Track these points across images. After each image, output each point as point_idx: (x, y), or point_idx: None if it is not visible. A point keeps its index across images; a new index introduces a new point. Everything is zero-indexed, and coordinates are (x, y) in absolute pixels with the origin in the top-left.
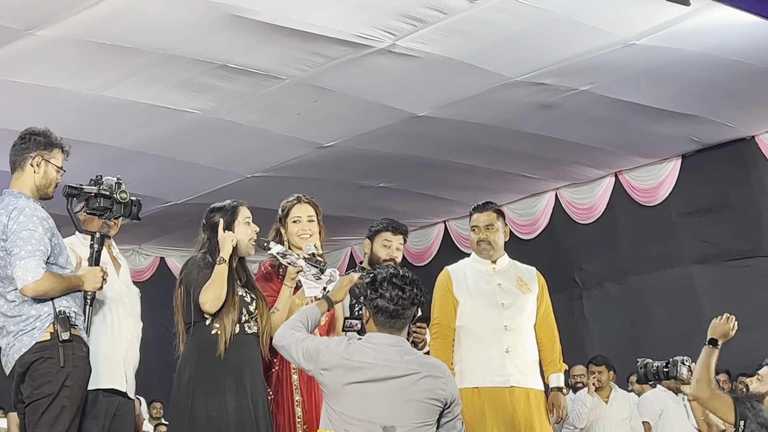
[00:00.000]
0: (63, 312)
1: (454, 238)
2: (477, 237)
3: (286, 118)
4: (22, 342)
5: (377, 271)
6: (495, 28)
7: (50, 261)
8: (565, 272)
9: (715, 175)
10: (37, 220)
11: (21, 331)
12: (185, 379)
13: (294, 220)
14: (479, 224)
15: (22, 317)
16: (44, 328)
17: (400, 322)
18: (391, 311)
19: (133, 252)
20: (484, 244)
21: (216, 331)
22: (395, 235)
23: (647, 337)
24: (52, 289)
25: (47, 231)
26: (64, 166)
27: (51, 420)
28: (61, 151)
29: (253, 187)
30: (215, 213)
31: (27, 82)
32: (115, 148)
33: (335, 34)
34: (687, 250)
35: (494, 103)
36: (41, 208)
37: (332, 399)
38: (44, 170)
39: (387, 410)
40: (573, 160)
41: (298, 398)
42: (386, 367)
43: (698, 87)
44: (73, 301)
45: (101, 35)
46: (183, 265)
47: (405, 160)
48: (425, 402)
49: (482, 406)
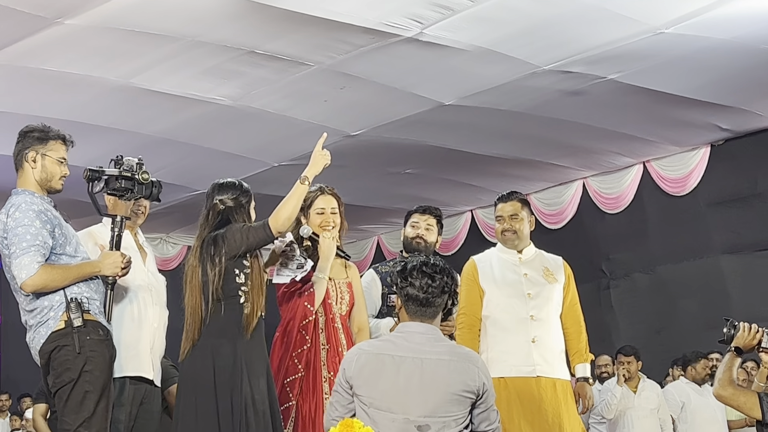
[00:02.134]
0: (74, 299)
1: (481, 227)
2: (501, 227)
3: (314, 106)
4: (40, 334)
5: (408, 260)
6: (523, 16)
7: (57, 252)
8: (592, 262)
9: (744, 165)
10: (33, 215)
11: (39, 323)
12: (227, 355)
13: (318, 212)
14: (504, 214)
15: (37, 309)
16: (58, 318)
17: (431, 310)
18: (421, 299)
19: (161, 241)
20: (508, 233)
21: (247, 309)
22: (422, 215)
23: (675, 328)
24: (51, 280)
25: (45, 223)
26: (66, 156)
27: (76, 406)
28: (62, 142)
29: (281, 176)
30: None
31: (56, 70)
32: (143, 135)
33: (362, 23)
34: (716, 240)
35: (522, 91)
36: (41, 200)
37: (364, 399)
38: (42, 164)
39: (421, 405)
40: (601, 148)
41: (325, 374)
42: (417, 359)
43: (727, 76)
44: (87, 286)
45: (129, 23)
46: (210, 240)
47: (432, 148)
48: (457, 394)
49: (508, 396)
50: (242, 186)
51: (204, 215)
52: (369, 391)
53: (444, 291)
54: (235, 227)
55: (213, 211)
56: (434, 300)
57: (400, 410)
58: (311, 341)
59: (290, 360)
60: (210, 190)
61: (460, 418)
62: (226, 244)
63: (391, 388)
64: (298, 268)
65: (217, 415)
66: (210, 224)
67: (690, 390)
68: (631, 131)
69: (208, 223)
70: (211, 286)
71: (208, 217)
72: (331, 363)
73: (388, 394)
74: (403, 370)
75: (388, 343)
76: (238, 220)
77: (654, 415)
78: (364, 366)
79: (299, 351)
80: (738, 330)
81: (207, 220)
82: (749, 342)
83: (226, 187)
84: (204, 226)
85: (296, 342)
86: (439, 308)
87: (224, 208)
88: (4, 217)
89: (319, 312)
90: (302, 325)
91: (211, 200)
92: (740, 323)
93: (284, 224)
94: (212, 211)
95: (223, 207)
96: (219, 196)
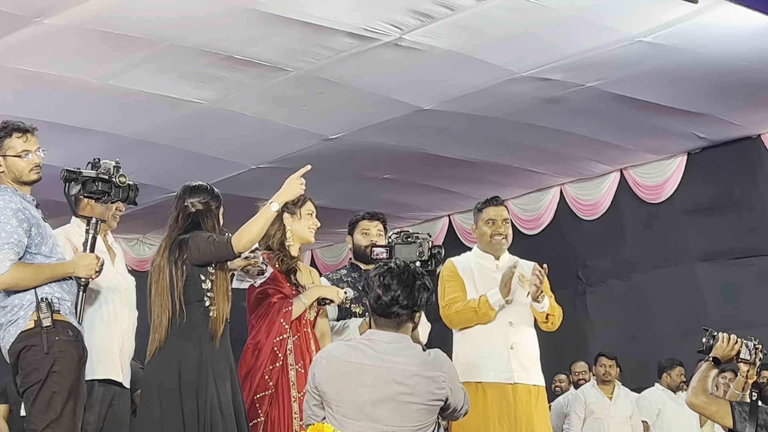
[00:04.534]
0: (45, 299)
1: (459, 232)
2: (493, 230)
3: (292, 110)
4: (10, 333)
5: (372, 269)
6: (502, 24)
7: (32, 251)
8: (569, 268)
9: (721, 173)
10: (9, 212)
11: (9, 321)
12: (193, 358)
13: (309, 212)
14: (497, 218)
15: (8, 307)
16: (28, 317)
17: (395, 319)
18: (382, 312)
19: (137, 241)
20: (500, 237)
21: (213, 313)
22: (371, 222)
23: (650, 335)
24: (22, 279)
25: (22, 222)
26: (27, 146)
27: (43, 406)
28: (19, 134)
29: (258, 178)
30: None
31: (33, 70)
32: (120, 137)
33: (343, 27)
34: (692, 247)
35: (500, 98)
36: (21, 198)
37: (333, 405)
38: (5, 165)
39: (387, 414)
40: (578, 155)
41: (294, 394)
42: (383, 368)
43: (704, 86)
44: (59, 287)
45: (108, 24)
46: (177, 243)
47: (410, 153)
48: (425, 404)
49: (485, 401)
50: (213, 190)
51: (174, 217)
52: (336, 397)
53: (409, 297)
54: (201, 236)
55: (183, 213)
56: (396, 308)
57: (367, 418)
58: (282, 359)
59: (261, 377)
60: (180, 192)
61: (428, 425)
62: (190, 251)
63: (359, 396)
64: (259, 275)
65: (182, 417)
66: (179, 226)
67: (666, 397)
68: (609, 139)
69: (177, 225)
70: (175, 289)
71: (177, 219)
72: (301, 384)
73: (355, 401)
74: (370, 378)
75: (357, 351)
76: (207, 224)
77: (628, 423)
78: (332, 373)
79: (271, 368)
80: (717, 340)
81: (176, 222)
82: (728, 353)
83: (197, 191)
84: (173, 227)
85: (269, 359)
86: (403, 318)
87: (194, 211)
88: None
89: (289, 333)
90: (275, 342)
91: (182, 202)
92: (719, 333)
93: (246, 246)
94: (182, 213)
95: (194, 210)
96: (190, 199)
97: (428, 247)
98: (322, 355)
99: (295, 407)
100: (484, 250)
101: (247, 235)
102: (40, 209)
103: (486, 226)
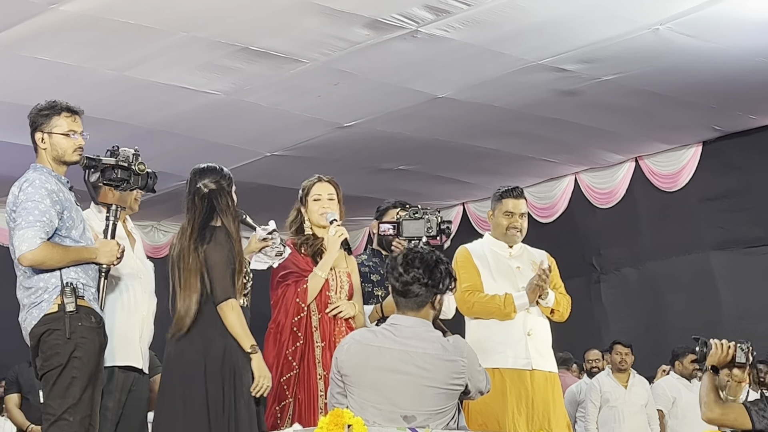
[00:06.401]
0: (70, 283)
1: (473, 220)
2: (510, 223)
3: (307, 100)
4: (33, 315)
5: (394, 253)
6: (518, 17)
7: (62, 234)
8: (583, 257)
9: (736, 162)
10: (44, 192)
11: (32, 304)
12: (218, 347)
13: (315, 198)
14: (516, 211)
15: (32, 289)
16: (52, 300)
17: (414, 301)
18: (402, 291)
19: (152, 228)
20: (515, 231)
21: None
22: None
23: (664, 323)
24: (49, 259)
25: (55, 203)
26: (74, 126)
27: (61, 391)
28: (67, 114)
29: (272, 166)
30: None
31: (49, 60)
32: (136, 127)
33: (358, 20)
34: (706, 236)
35: (515, 87)
36: (56, 180)
37: (353, 389)
38: (50, 143)
39: (407, 398)
40: (593, 145)
41: (320, 372)
42: (404, 352)
43: (719, 79)
44: (84, 272)
45: (124, 14)
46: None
47: (425, 141)
48: (445, 388)
49: (503, 387)
50: (222, 170)
51: (190, 200)
52: (357, 381)
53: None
54: (220, 259)
55: (198, 195)
56: (417, 290)
57: (387, 401)
58: (303, 338)
59: (284, 359)
60: (191, 176)
61: (448, 409)
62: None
63: (378, 379)
64: (277, 256)
65: (206, 405)
66: (200, 208)
67: (681, 385)
68: (624, 129)
69: (196, 207)
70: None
71: (194, 201)
72: (327, 360)
73: (375, 385)
74: (391, 362)
75: (378, 335)
76: (221, 204)
77: (643, 411)
78: (354, 356)
79: (293, 348)
80: (710, 348)
81: (194, 204)
82: (723, 359)
83: (207, 171)
84: (193, 210)
85: (289, 340)
86: (423, 299)
87: (207, 192)
88: (16, 191)
89: (312, 309)
90: (294, 322)
91: (194, 185)
92: (711, 341)
93: (226, 319)
94: (197, 196)
95: (207, 190)
96: (201, 180)
97: (436, 222)
98: (345, 341)
99: (321, 385)
100: (498, 238)
101: (231, 324)
102: (73, 192)
103: (503, 217)
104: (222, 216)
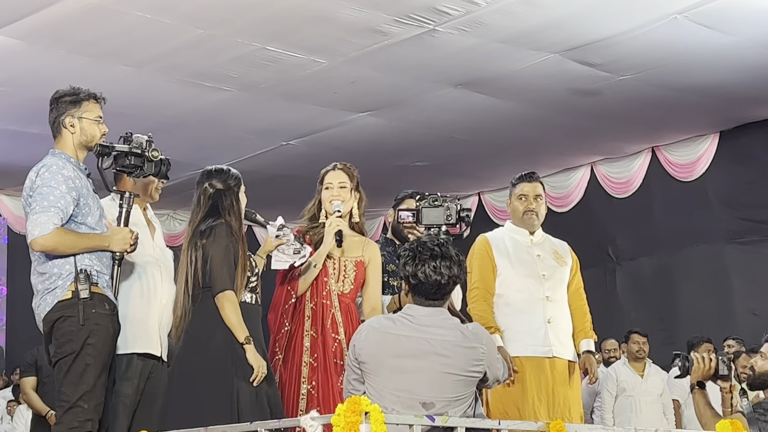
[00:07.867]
0: (84, 270)
1: (489, 210)
2: (525, 206)
3: (324, 96)
4: (47, 301)
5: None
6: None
7: (77, 220)
8: (599, 246)
9: (752, 152)
10: (61, 178)
11: (46, 290)
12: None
13: (326, 187)
14: (529, 194)
15: (46, 275)
16: (66, 287)
17: (427, 292)
18: (416, 282)
19: (168, 217)
20: (531, 214)
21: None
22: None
23: (677, 313)
24: (62, 245)
25: (71, 190)
26: (101, 113)
27: (75, 378)
28: (94, 101)
29: (289, 154)
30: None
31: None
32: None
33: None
34: (721, 226)
35: (534, 80)
36: (74, 167)
37: (371, 376)
38: (80, 127)
39: (425, 385)
40: (610, 135)
41: (306, 359)
42: (423, 339)
43: (737, 67)
44: (98, 260)
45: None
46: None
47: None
48: (463, 375)
49: (523, 375)
50: (230, 171)
51: (195, 201)
52: (375, 368)
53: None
54: (217, 252)
55: (204, 195)
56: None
57: (406, 388)
58: (291, 324)
59: (272, 344)
60: (200, 177)
61: (466, 396)
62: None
63: (397, 366)
64: (295, 254)
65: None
66: (202, 208)
67: None
68: (641, 119)
69: (200, 207)
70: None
71: (200, 202)
72: (315, 348)
73: (394, 372)
74: (409, 349)
75: (396, 323)
76: (224, 203)
77: (659, 401)
78: (372, 343)
79: (279, 335)
80: (692, 362)
81: (199, 205)
82: (706, 372)
83: (215, 173)
84: (196, 211)
85: (278, 326)
86: (448, 296)
87: (213, 192)
88: (33, 175)
89: (307, 297)
90: (284, 309)
91: (201, 185)
92: (691, 355)
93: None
94: (203, 196)
95: (213, 190)
96: (208, 180)
97: (456, 210)
98: (362, 328)
99: (305, 371)
100: (517, 225)
101: (227, 316)
102: (91, 179)
103: (518, 202)
104: (224, 214)
